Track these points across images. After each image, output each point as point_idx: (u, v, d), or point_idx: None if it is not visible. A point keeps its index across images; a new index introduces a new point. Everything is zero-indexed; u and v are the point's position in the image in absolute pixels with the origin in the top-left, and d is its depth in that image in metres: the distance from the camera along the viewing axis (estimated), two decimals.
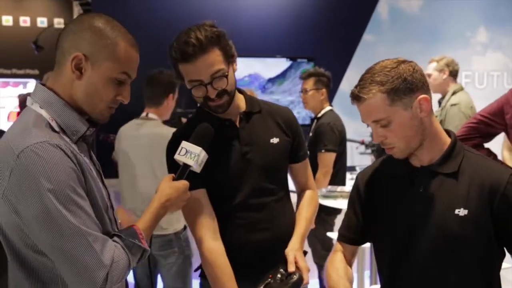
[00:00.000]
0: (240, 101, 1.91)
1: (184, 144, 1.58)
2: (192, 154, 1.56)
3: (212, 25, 1.76)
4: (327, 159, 3.70)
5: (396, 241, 1.59)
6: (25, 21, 11.36)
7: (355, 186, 1.75)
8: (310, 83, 3.87)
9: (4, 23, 11.24)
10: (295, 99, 6.32)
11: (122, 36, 1.36)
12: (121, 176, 3.19)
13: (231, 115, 1.87)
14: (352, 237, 1.75)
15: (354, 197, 1.74)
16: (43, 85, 1.37)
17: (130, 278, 3.21)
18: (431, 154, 1.56)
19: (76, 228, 1.21)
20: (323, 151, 3.68)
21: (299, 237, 1.89)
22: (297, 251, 1.82)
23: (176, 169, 1.62)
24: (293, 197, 2.05)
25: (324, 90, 3.87)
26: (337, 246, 1.78)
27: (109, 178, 1.68)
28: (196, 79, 1.74)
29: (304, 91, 3.91)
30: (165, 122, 3.17)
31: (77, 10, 11.95)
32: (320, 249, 3.72)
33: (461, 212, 1.49)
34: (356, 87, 1.52)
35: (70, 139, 1.33)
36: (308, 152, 2.09)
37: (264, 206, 1.87)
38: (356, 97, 1.50)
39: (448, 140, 1.58)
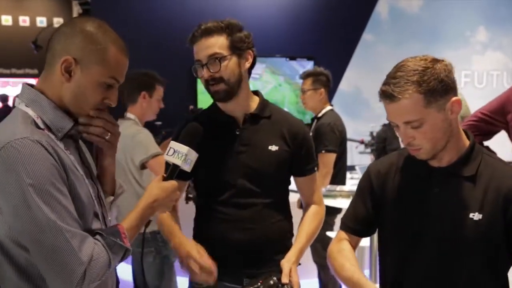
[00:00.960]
0: (252, 102, 1.92)
1: (173, 144, 1.58)
2: (179, 154, 1.55)
3: (230, 19, 1.83)
4: (328, 159, 3.68)
5: (406, 240, 1.57)
6: (24, 20, 11.39)
7: (367, 177, 1.69)
8: (307, 83, 3.82)
9: (4, 22, 11.27)
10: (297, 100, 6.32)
11: (113, 41, 1.38)
12: None
13: (237, 113, 1.90)
14: (358, 228, 1.70)
15: (366, 189, 1.68)
16: (29, 85, 1.40)
17: (123, 275, 3.21)
18: (450, 155, 1.53)
19: (54, 223, 1.22)
20: (323, 151, 3.65)
21: (297, 251, 1.89)
22: (292, 264, 1.83)
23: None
24: (292, 198, 2.05)
25: (322, 90, 3.81)
26: (342, 234, 1.72)
27: None
28: (197, 59, 1.83)
29: (302, 91, 3.88)
30: (148, 123, 3.14)
31: (76, 9, 11.96)
32: (320, 248, 3.70)
33: (476, 216, 1.47)
34: (388, 85, 1.43)
35: (55, 136, 1.34)
36: (316, 168, 2.05)
37: (249, 207, 1.88)
38: (389, 96, 1.42)
39: (466, 142, 1.56)
